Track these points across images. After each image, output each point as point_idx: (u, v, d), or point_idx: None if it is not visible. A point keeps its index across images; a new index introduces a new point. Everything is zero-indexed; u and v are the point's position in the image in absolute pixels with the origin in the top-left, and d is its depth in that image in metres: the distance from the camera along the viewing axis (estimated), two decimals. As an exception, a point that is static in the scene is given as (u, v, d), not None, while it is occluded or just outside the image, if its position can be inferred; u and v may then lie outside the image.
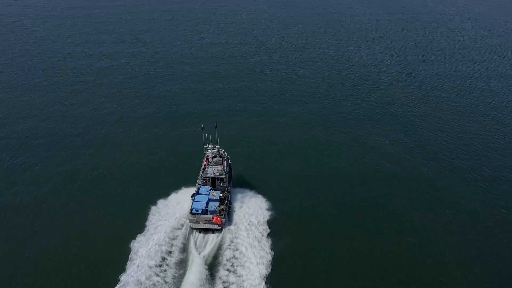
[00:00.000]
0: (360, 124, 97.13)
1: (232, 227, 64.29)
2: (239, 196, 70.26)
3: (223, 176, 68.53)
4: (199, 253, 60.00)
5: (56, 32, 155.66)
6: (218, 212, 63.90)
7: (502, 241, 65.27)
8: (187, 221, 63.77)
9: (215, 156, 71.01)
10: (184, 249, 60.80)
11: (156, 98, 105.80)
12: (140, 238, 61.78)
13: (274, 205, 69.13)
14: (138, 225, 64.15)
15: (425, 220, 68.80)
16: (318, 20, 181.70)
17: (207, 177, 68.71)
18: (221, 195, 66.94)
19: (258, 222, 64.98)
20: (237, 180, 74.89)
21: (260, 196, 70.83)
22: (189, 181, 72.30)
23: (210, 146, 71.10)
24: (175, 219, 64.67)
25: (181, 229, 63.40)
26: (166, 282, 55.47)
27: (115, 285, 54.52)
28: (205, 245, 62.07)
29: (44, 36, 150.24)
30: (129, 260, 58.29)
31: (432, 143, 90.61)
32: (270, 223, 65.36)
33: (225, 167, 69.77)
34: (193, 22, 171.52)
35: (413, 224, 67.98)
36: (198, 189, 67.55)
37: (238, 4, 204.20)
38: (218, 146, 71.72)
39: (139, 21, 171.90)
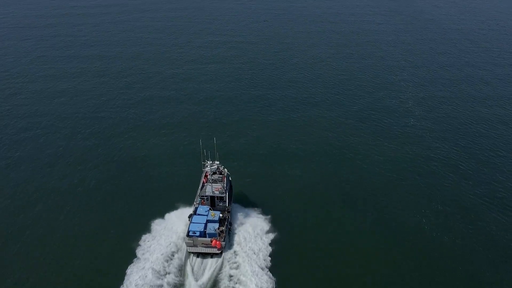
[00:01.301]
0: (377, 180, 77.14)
1: (232, 251, 58.76)
2: (240, 216, 64.76)
3: (223, 195, 63.30)
4: (196, 280, 54.56)
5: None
6: (217, 234, 58.57)
7: None
8: (184, 244, 58.40)
9: (214, 173, 65.96)
10: (180, 275, 55.30)
11: (151, 113, 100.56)
12: (131, 263, 56.38)
13: (279, 226, 63.68)
14: (129, 249, 58.66)
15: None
16: (331, 35, 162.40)
17: (205, 196, 63.48)
18: (220, 215, 61.64)
19: (261, 245, 59.47)
20: (238, 198, 69.51)
21: (263, 216, 65.40)
22: (186, 200, 66.80)
23: (209, 162, 66.02)
24: (170, 242, 59.10)
25: (177, 253, 57.86)
26: (159, 315, 50.05)
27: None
28: (203, 271, 56.46)
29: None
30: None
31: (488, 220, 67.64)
32: (274, 246, 59.88)
33: (225, 185, 64.59)
34: (183, 36, 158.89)
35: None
36: (196, 209, 62.29)
37: (233, 16, 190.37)
38: (218, 162, 66.62)
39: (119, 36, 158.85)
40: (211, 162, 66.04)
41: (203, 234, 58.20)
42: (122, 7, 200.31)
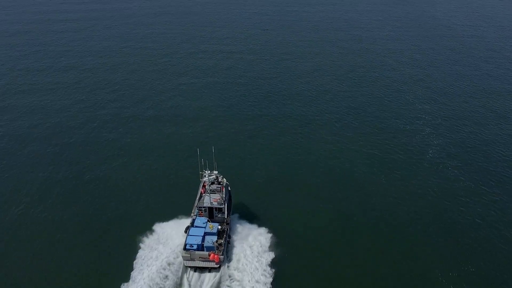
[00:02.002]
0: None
1: (231, 265, 56.10)
2: (239, 228, 62.06)
3: (221, 206, 60.66)
4: (193, 296, 52.05)
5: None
6: (215, 248, 55.87)
7: None
8: (180, 258, 55.62)
9: (212, 183, 63.40)
10: (177, 291, 52.71)
11: (148, 123, 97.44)
12: (125, 278, 53.87)
13: (281, 239, 61.04)
14: (123, 263, 56.31)
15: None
16: (339, 44, 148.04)
17: (203, 207, 60.86)
18: (219, 227, 58.90)
19: (262, 259, 56.75)
20: (237, 209, 66.81)
21: (264, 228, 62.57)
22: (183, 211, 64.17)
23: (207, 172, 63.44)
24: (166, 256, 56.32)
25: (173, 267, 54.98)
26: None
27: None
28: (201, 286, 53.82)
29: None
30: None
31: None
32: (276, 260, 57.11)
33: (224, 196, 61.97)
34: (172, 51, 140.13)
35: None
36: (193, 220, 59.54)
37: (230, 23, 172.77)
38: (216, 172, 64.10)
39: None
40: (209, 171, 63.52)
41: (200, 247, 55.56)
42: (108, 13, 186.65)
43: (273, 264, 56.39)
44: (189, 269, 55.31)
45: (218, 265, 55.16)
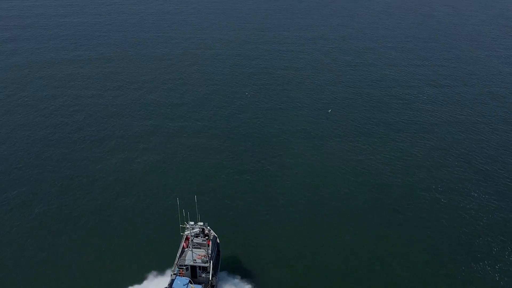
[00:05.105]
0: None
1: None
2: (227, 289, 53.17)
3: (206, 265, 51.79)
4: None
5: None
6: (195, 318, 46.94)
7: None
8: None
9: (197, 236, 54.91)
10: None
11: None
12: None
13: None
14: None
15: None
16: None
17: (185, 265, 52.09)
18: (202, 290, 50.20)
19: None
20: (225, 265, 57.34)
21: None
22: (160, 269, 55.46)
23: (191, 223, 54.96)
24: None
25: None
26: None
27: None
28: None
29: None
30: None
31: None
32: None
33: (210, 251, 53.12)
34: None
35: None
36: (172, 281, 50.63)
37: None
38: (202, 223, 55.58)
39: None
40: (193, 223, 55.07)
41: (178, 316, 46.81)
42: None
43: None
44: None
45: None
